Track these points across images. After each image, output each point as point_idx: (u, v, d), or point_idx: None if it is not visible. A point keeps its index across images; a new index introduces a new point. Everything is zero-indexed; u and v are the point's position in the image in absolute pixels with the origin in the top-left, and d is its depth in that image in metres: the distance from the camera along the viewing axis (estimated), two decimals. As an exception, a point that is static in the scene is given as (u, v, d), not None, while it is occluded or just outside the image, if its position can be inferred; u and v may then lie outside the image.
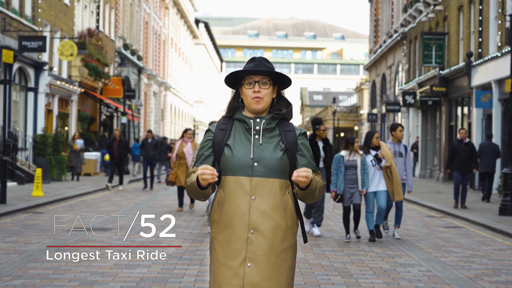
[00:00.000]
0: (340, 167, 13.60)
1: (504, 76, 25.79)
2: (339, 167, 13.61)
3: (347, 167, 13.57)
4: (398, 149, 14.66)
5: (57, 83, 34.68)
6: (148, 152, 27.97)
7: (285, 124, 4.42)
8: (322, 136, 14.71)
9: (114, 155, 26.88)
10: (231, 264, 4.24)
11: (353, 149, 13.63)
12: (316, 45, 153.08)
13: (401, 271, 10.63)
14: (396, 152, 14.55)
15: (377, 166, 13.81)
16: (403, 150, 14.72)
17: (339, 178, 13.58)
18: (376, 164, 13.78)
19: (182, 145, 19.12)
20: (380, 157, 13.64)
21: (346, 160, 13.57)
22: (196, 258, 11.41)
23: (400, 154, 14.62)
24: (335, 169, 13.65)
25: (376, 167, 13.82)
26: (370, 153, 13.84)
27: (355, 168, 13.56)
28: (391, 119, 51.20)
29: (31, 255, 11.39)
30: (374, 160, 13.74)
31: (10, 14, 29.50)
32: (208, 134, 4.44)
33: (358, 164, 13.54)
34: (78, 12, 40.67)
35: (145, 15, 61.28)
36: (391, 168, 13.71)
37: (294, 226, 4.36)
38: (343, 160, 13.59)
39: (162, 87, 68.92)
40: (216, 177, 4.13)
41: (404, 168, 14.64)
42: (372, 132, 14.06)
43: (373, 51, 61.03)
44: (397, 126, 14.73)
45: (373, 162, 13.79)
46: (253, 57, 4.42)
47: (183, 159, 19.09)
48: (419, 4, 41.35)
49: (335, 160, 13.68)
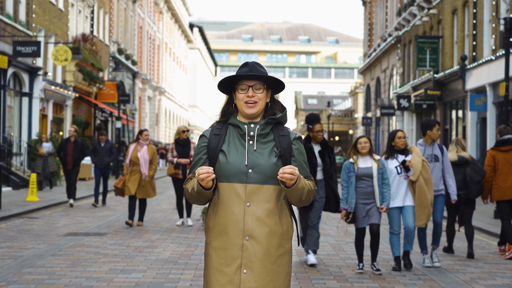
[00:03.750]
0: (351, 177, 10.79)
1: (499, 79, 25.82)
2: (349, 178, 10.82)
3: (359, 177, 10.73)
4: (432, 151, 11.84)
5: (51, 88, 34.65)
6: (102, 159, 21.67)
7: (279, 128, 4.41)
8: (316, 139, 11.68)
9: (66, 160, 21.51)
10: (226, 270, 4.23)
11: (365, 153, 10.92)
12: (310, 49, 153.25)
13: (397, 275, 10.63)
14: (430, 156, 11.78)
15: (403, 175, 11.05)
16: (438, 153, 11.87)
17: (350, 191, 10.76)
18: (402, 172, 11.05)
19: (137, 149, 16.53)
20: (408, 165, 10.91)
21: (358, 168, 10.79)
22: (191, 263, 11.40)
23: (435, 157, 11.84)
24: (344, 180, 10.82)
25: (403, 175, 11.05)
26: (396, 157, 11.13)
27: (370, 178, 10.73)
28: (386, 122, 51.26)
29: (26, 260, 11.36)
30: (401, 167, 11.06)
31: (4, 19, 29.46)
32: (203, 140, 4.43)
33: (374, 173, 10.71)
34: (72, 17, 40.65)
35: (139, 20, 61.28)
36: (416, 184, 10.98)
37: (289, 231, 4.35)
38: (353, 168, 10.79)
39: (156, 92, 68.93)
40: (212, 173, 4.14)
41: (441, 175, 11.80)
42: (394, 131, 11.32)
43: (367, 54, 61.11)
44: (434, 123, 11.87)
45: (399, 169, 11.06)
46: (246, 62, 4.40)
47: (137, 165, 16.42)
48: (413, 8, 41.43)
49: (344, 169, 10.85)
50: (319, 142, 11.69)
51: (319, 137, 11.63)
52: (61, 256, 11.94)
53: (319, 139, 11.65)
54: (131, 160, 16.39)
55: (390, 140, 11.25)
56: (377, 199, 10.68)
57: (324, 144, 11.69)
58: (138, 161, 16.32)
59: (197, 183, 4.20)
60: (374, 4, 57.94)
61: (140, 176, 16.36)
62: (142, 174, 16.34)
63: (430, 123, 11.87)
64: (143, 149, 16.47)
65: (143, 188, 16.44)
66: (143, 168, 16.32)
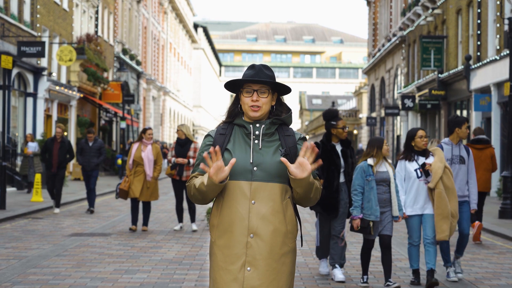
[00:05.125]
0: (370, 182, 9.45)
1: (503, 79, 25.78)
2: (367, 182, 9.46)
3: (376, 182, 9.54)
4: (458, 152, 10.66)
5: (56, 88, 34.69)
6: (89, 159, 19.63)
7: (284, 129, 4.41)
8: (341, 137, 10.34)
9: (51, 162, 19.33)
10: (230, 268, 4.23)
11: (381, 155, 9.65)
12: (314, 49, 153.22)
13: (401, 275, 10.61)
14: (456, 157, 10.62)
15: (423, 179, 9.78)
16: (465, 154, 10.68)
17: (372, 198, 9.40)
18: (422, 176, 9.77)
19: (140, 148, 15.67)
20: (428, 169, 9.67)
21: (377, 171, 9.58)
22: (196, 263, 11.40)
23: (461, 159, 10.66)
24: (359, 185, 9.45)
25: (423, 179, 9.78)
26: (415, 159, 9.84)
27: (387, 184, 9.57)
28: (390, 122, 51.22)
29: (31, 261, 11.38)
30: (420, 170, 9.77)
31: (9, 20, 29.50)
32: (208, 139, 4.44)
33: (391, 178, 9.59)
34: (77, 17, 40.70)
35: (143, 20, 61.31)
36: (435, 192, 9.69)
37: (294, 231, 4.35)
38: (372, 171, 9.51)
39: (161, 92, 68.94)
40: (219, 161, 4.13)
41: (466, 180, 10.65)
42: (414, 129, 9.94)
43: (371, 54, 61.07)
44: (463, 120, 10.62)
45: (419, 173, 9.77)
46: (253, 64, 4.39)
47: (141, 165, 15.61)
48: (418, 8, 41.40)
49: (360, 172, 9.50)
50: (341, 140, 10.39)
51: (345, 135, 10.34)
52: (66, 256, 11.95)
53: (344, 137, 10.36)
54: (135, 161, 15.54)
55: (409, 139, 9.92)
56: (394, 207, 9.53)
57: (346, 143, 10.44)
58: (142, 162, 15.51)
59: (208, 180, 4.19)
60: (379, 4, 57.90)
61: (144, 177, 15.57)
62: (147, 175, 15.55)
63: (459, 120, 10.64)
64: (147, 148, 15.64)
65: (148, 190, 15.59)
66: (147, 169, 15.52)
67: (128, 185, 15.51)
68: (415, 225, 9.79)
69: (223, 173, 4.14)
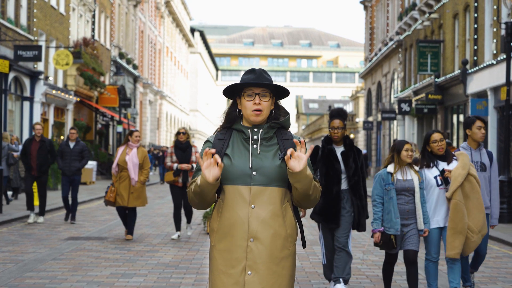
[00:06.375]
0: (390, 191, 8.52)
1: (500, 83, 25.82)
2: (386, 192, 8.55)
3: (397, 191, 8.54)
4: (479, 158, 9.37)
5: (52, 92, 34.68)
6: (70, 163, 17.68)
7: (283, 132, 4.43)
8: (333, 138, 9.43)
9: (31, 164, 17.71)
10: (231, 272, 4.24)
11: (403, 162, 8.61)
12: (311, 53, 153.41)
13: (398, 279, 10.61)
14: (477, 163, 9.30)
15: (444, 187, 8.70)
16: (487, 160, 9.41)
17: (391, 209, 8.47)
18: (443, 184, 8.69)
19: (125, 152, 14.74)
20: (447, 176, 8.60)
21: (397, 179, 8.56)
22: (192, 267, 11.39)
23: (482, 166, 9.36)
24: (378, 195, 8.60)
25: (443, 188, 8.71)
26: (435, 165, 8.77)
27: (411, 193, 8.54)
28: (387, 127, 51.28)
29: (27, 265, 11.36)
30: (440, 178, 8.69)
31: (6, 24, 29.49)
32: (207, 145, 4.45)
33: (416, 187, 8.53)
34: (73, 21, 40.69)
35: (140, 24, 61.34)
36: (451, 203, 8.59)
37: (294, 234, 4.37)
38: (392, 180, 8.55)
39: (157, 96, 68.97)
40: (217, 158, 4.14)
41: (489, 190, 9.36)
42: (429, 133, 8.87)
43: (368, 59, 61.14)
44: (473, 120, 9.31)
45: (439, 180, 8.70)
46: (253, 69, 4.42)
47: (126, 170, 14.66)
48: (415, 12, 41.45)
49: (378, 181, 8.61)
50: (344, 142, 9.43)
51: (335, 136, 9.35)
52: (62, 260, 11.93)
53: (335, 138, 9.37)
54: (119, 165, 14.62)
55: (424, 143, 8.86)
56: (420, 220, 8.49)
57: (348, 144, 9.44)
58: (126, 165, 14.58)
59: (201, 178, 4.19)
60: (375, 8, 57.98)
61: (129, 182, 14.63)
62: (131, 179, 14.61)
63: (468, 121, 9.36)
64: (132, 152, 14.69)
65: (132, 195, 14.62)
66: (131, 173, 14.58)
67: (114, 195, 14.58)
68: (434, 239, 8.68)
69: (216, 170, 4.14)
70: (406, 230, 8.52)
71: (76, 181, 17.83)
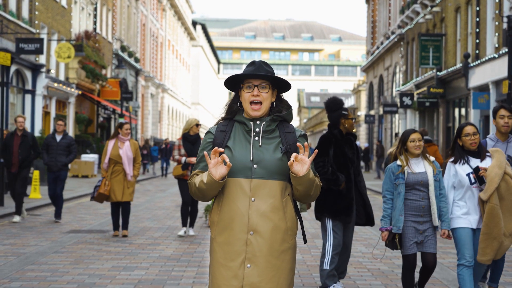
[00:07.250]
0: (398, 186, 7.80)
1: (502, 77, 25.80)
2: (396, 186, 7.84)
3: (409, 185, 7.77)
4: (505, 150, 8.55)
5: (54, 85, 34.68)
6: (56, 158, 16.52)
7: (285, 126, 4.43)
8: (351, 129, 8.95)
9: (11, 160, 16.66)
10: (230, 265, 4.25)
11: (412, 154, 7.88)
12: (313, 46, 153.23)
13: (399, 273, 10.59)
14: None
15: (478, 186, 7.79)
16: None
17: (397, 206, 7.78)
18: (476, 182, 7.77)
19: (117, 145, 14.10)
20: (482, 175, 7.65)
21: (408, 173, 7.80)
22: (194, 260, 11.40)
23: (510, 160, 8.41)
24: (388, 190, 7.91)
25: (477, 186, 7.80)
26: (467, 161, 7.85)
27: (425, 188, 7.76)
28: (389, 120, 51.24)
29: (29, 258, 11.37)
30: (473, 176, 7.77)
31: (7, 17, 29.48)
32: (208, 136, 4.45)
33: (430, 180, 7.76)
34: (75, 14, 40.68)
35: (142, 17, 61.28)
36: (487, 206, 7.68)
37: (294, 228, 4.37)
38: (402, 174, 7.80)
39: (159, 89, 68.94)
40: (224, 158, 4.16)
41: None
42: (462, 125, 7.98)
43: (370, 52, 61.07)
44: (497, 108, 8.61)
45: (472, 178, 7.78)
46: (253, 61, 4.42)
47: (119, 164, 14.04)
48: (416, 6, 41.39)
49: (388, 175, 7.91)
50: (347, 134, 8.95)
51: (353, 126, 8.95)
52: (63, 253, 11.94)
53: (352, 129, 8.96)
54: (111, 159, 13.98)
55: (456, 137, 7.96)
56: (434, 216, 7.73)
57: (353, 137, 9.00)
58: (120, 160, 13.97)
59: (208, 176, 4.20)
60: (377, 2, 57.89)
61: (123, 177, 14.04)
62: (127, 174, 14.05)
63: (494, 109, 8.61)
64: (125, 145, 14.08)
65: (128, 190, 14.10)
66: (126, 168, 14.01)
67: (109, 188, 13.94)
68: (467, 241, 7.73)
69: (223, 169, 4.15)
70: (423, 228, 7.76)
71: (61, 176, 16.60)
